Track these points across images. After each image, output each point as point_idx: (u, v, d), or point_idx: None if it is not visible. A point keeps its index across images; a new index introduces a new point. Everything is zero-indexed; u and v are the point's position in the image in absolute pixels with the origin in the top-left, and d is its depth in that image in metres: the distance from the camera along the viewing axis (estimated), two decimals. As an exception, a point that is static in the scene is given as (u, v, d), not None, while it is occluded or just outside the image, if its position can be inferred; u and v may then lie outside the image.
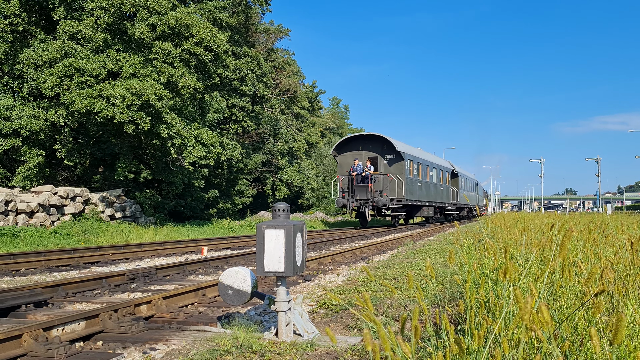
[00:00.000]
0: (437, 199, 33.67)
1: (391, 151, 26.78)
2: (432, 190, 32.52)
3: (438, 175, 34.58)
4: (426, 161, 31.36)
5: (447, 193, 36.68)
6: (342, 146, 27.94)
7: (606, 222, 8.17)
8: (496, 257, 3.85)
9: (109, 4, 20.20)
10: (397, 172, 26.54)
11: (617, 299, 3.29)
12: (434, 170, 33.24)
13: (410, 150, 29.01)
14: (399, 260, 10.92)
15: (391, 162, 26.85)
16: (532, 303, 1.83)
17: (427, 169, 31.49)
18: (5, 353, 4.20)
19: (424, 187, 30.35)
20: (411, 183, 27.66)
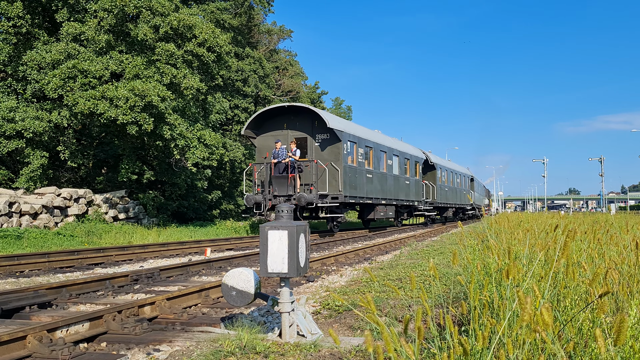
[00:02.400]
0: (399, 196, 26.07)
1: (324, 130, 19.76)
2: (392, 185, 25.10)
3: (403, 166, 27.06)
4: (381, 146, 24.03)
5: (416, 189, 29.08)
6: (261, 123, 21.04)
7: (610, 222, 8.15)
8: (500, 258, 3.84)
9: (112, 6, 20.25)
10: (332, 159, 19.70)
11: (622, 300, 3.28)
12: (395, 159, 25.78)
13: (352, 129, 21.75)
14: (402, 261, 10.91)
15: (324, 145, 19.96)
16: (536, 304, 1.83)
17: (382, 156, 24.36)
18: (9, 354, 4.21)
19: (377, 179, 23.22)
20: (354, 173, 20.86)
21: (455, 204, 38.33)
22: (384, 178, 24.28)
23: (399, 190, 26.24)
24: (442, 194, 34.19)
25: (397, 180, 26.02)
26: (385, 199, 24.23)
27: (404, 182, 27.15)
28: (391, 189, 25.15)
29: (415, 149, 30.87)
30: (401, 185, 26.66)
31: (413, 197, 28.51)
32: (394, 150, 26.04)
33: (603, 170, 67.07)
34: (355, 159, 21.25)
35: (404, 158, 27.50)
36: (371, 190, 22.71)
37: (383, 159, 24.50)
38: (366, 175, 22.26)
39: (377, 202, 23.42)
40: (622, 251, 4.58)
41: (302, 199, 18.11)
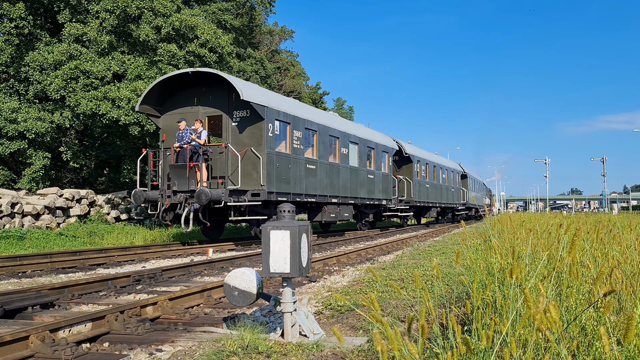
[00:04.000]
0: (359, 193, 21.35)
1: (243, 105, 15.11)
2: (347, 179, 20.30)
3: (365, 156, 22.20)
4: (330, 129, 19.13)
5: (384, 184, 24.05)
6: (165, 98, 16.30)
7: (613, 222, 8.13)
8: (503, 257, 3.84)
9: (114, 7, 20.28)
10: (252, 143, 15.13)
11: (625, 299, 3.27)
12: (352, 147, 21.04)
13: (283, 104, 16.53)
14: (404, 261, 10.90)
15: (243, 125, 15.37)
16: (541, 303, 1.82)
17: (333, 143, 19.57)
18: (12, 354, 4.21)
19: (323, 171, 18.44)
20: (286, 163, 16.09)
21: (441, 203, 33.28)
22: (334, 170, 19.21)
23: (358, 185, 21.17)
24: (421, 191, 28.89)
25: (355, 174, 20.94)
26: (338, 197, 19.33)
27: (366, 176, 21.98)
28: (346, 184, 20.08)
29: (384, 137, 25.51)
30: (362, 180, 21.58)
31: (380, 194, 23.38)
32: (351, 137, 20.79)
33: (605, 170, 67.00)
34: (289, 144, 16.36)
35: (366, 147, 22.27)
36: (314, 186, 17.70)
37: (334, 146, 19.53)
38: (306, 166, 17.22)
39: (325, 201, 18.56)
40: (625, 251, 4.57)
41: (203, 196, 13.37)
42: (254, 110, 15.03)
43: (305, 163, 17.29)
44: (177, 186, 14.76)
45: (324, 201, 18.52)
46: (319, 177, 18.16)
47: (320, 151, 18.39)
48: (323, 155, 18.61)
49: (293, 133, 16.68)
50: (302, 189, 17.01)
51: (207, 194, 13.48)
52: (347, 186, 20.31)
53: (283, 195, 16.01)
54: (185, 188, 14.58)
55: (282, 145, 16.31)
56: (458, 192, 38.60)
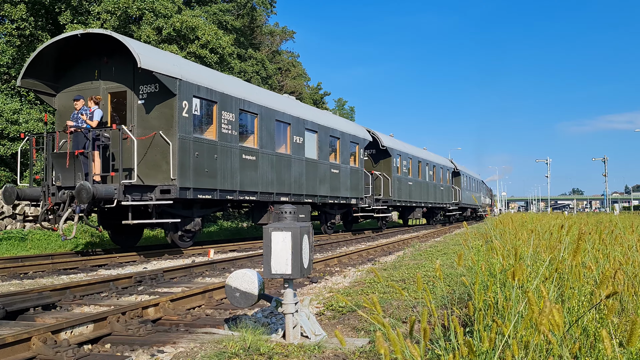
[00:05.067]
0: (319, 190, 18.28)
1: (151, 78, 12.06)
2: (302, 173, 17.30)
3: (326, 148, 19.08)
4: (277, 113, 16.02)
5: (354, 181, 21.02)
6: (63, 72, 13.40)
7: (614, 223, 8.13)
8: (504, 259, 3.83)
9: (115, 8, 20.31)
10: (162, 125, 12.13)
11: (627, 300, 3.27)
12: (311, 136, 18.00)
13: (206, 78, 13.42)
14: (406, 262, 10.90)
15: (151, 103, 12.33)
16: (541, 304, 1.82)
17: (284, 130, 16.54)
18: (14, 356, 4.21)
19: (267, 164, 15.41)
20: (211, 152, 13.11)
21: (427, 202, 30.00)
22: (284, 163, 16.28)
23: (318, 181, 18.22)
24: (402, 189, 25.59)
25: (313, 168, 17.96)
26: (289, 195, 16.47)
27: (329, 171, 19.06)
28: (300, 179, 17.16)
29: (354, 126, 22.69)
30: (323, 175, 18.65)
31: (348, 192, 20.52)
32: (307, 123, 17.73)
33: (606, 170, 66.92)
34: (215, 128, 13.32)
35: (328, 136, 19.24)
36: (254, 181, 14.75)
37: (285, 134, 16.61)
38: (242, 157, 14.27)
39: (271, 199, 15.62)
40: (626, 252, 4.56)
41: (83, 193, 10.47)
42: (162, 85, 11.92)
43: (240, 153, 14.21)
44: (62, 181, 11.64)
45: (268, 199, 15.46)
46: (262, 171, 15.12)
47: (263, 139, 15.27)
48: (267, 144, 15.50)
49: (222, 115, 13.50)
50: (235, 185, 13.94)
51: (88, 190, 10.44)
52: (301, 182, 17.19)
53: (205, 192, 12.99)
54: (71, 183, 11.40)
55: (207, 130, 13.29)
56: (449, 190, 35.29)
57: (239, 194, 14.25)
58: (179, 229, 13.09)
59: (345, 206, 21.29)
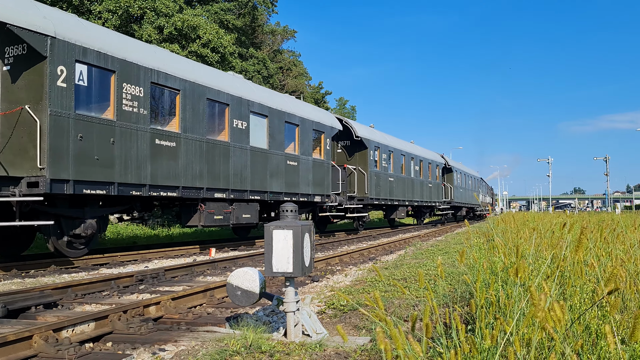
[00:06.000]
0: (273, 187, 15.58)
1: (18, 37, 9.33)
2: (246, 165, 14.42)
3: (280, 136, 16.02)
4: (204, 88, 13.10)
5: (317, 176, 18.01)
6: None
7: (616, 221, 8.12)
8: (506, 257, 3.83)
9: (117, 7, 20.32)
10: (30, 98, 9.54)
11: (629, 298, 3.26)
12: (257, 121, 15.04)
13: (100, 39, 10.66)
14: (407, 261, 10.89)
15: (18, 69, 9.79)
16: (544, 301, 1.81)
17: (212, 110, 13.44)
18: (16, 354, 4.22)
19: (191, 151, 12.55)
20: (101, 135, 10.42)
21: (413, 200, 26.96)
22: (219, 152, 13.36)
23: (268, 175, 15.29)
24: (381, 185, 22.83)
25: (262, 158, 15.03)
26: (226, 190, 13.59)
27: (284, 163, 16.07)
28: (243, 172, 14.21)
29: (320, 112, 19.36)
30: (275, 168, 15.65)
31: (311, 188, 17.51)
32: (254, 105, 14.76)
33: (608, 170, 66.86)
34: (114, 106, 10.63)
35: (283, 122, 16.15)
36: (173, 173, 11.87)
37: (221, 117, 13.69)
38: (154, 143, 11.36)
39: (200, 196, 12.71)
40: (628, 250, 4.56)
41: None
42: (30, 45, 9.30)
43: (152, 138, 11.30)
44: None
45: (196, 196, 12.60)
46: (185, 161, 12.17)
47: (188, 122, 12.36)
48: (195, 128, 12.59)
49: (123, 88, 10.80)
50: (143, 178, 11.04)
51: None
52: (245, 175, 14.24)
53: (96, 186, 10.29)
54: None
55: (101, 107, 10.58)
56: (438, 188, 32.36)
57: (149, 189, 11.25)
58: (65, 233, 10.43)
59: (308, 205, 18.27)
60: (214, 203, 13.30)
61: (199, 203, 12.99)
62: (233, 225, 14.11)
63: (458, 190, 36.71)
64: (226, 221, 13.71)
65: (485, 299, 3.29)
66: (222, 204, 13.60)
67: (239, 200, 14.29)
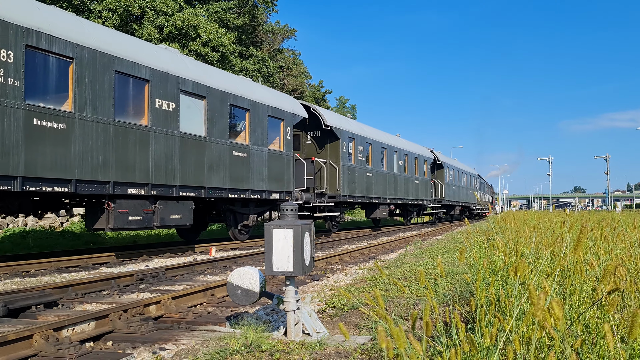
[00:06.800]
0: (212, 182, 13.26)
1: None
2: (173, 155, 12.11)
3: (223, 120, 13.66)
4: (111, 58, 10.52)
5: (274, 169, 15.70)
6: None
7: (617, 220, 8.12)
8: (506, 255, 3.83)
9: (117, 6, 20.32)
10: None
11: (629, 297, 3.26)
12: (190, 102, 12.71)
13: None
14: (407, 260, 10.90)
15: None
16: (544, 300, 1.82)
17: (122, 86, 10.92)
18: (16, 353, 4.22)
19: (89, 136, 10.08)
20: None
21: (396, 198, 24.67)
22: (133, 137, 10.95)
23: (206, 168, 12.97)
24: (356, 181, 20.46)
25: (199, 148, 12.75)
26: (145, 186, 11.29)
27: (228, 154, 13.76)
28: (170, 163, 11.90)
29: (277, 96, 16.85)
30: (217, 160, 13.36)
31: (263, 183, 15.20)
32: (188, 84, 12.41)
33: (609, 169, 66.84)
34: None
35: (228, 105, 13.75)
36: (61, 163, 9.62)
37: (138, 95, 11.30)
38: (29, 123, 9.10)
39: (104, 192, 10.37)
40: (628, 249, 4.56)
41: None
42: None
43: (26, 117, 9.00)
44: None
45: (100, 192, 10.24)
46: (81, 147, 9.90)
47: (85, 98, 9.99)
48: (96, 106, 10.18)
49: None
50: (12, 168, 8.80)
51: None
52: (172, 167, 11.97)
53: None
54: None
55: None
56: (426, 185, 29.76)
57: (21, 183, 8.97)
58: None
59: (265, 203, 16.12)
60: (127, 201, 10.91)
61: (106, 201, 10.58)
62: (158, 227, 11.81)
63: (450, 187, 34.56)
64: (146, 223, 11.42)
65: (485, 298, 3.29)
66: (140, 202, 11.23)
67: (165, 198, 11.97)
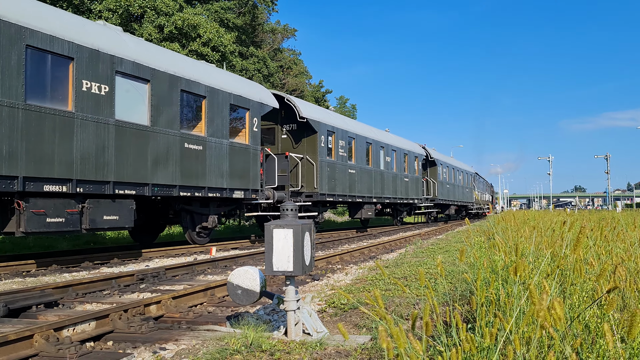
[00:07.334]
0: (156, 177, 11.39)
1: None
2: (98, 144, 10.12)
3: (171, 107, 11.87)
4: (3, 24, 8.52)
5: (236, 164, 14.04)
6: None
7: (617, 220, 8.12)
8: (506, 255, 3.83)
9: (117, 6, 20.32)
10: None
11: (629, 296, 3.26)
12: (131, 85, 10.92)
13: None
14: (407, 259, 10.90)
15: None
16: (546, 300, 1.82)
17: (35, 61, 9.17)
18: (16, 353, 4.23)
19: None
20: None
21: (382, 197, 23.17)
22: (51, 125, 9.38)
23: (150, 162, 11.26)
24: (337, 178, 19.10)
25: (141, 139, 11.05)
26: (68, 181, 9.65)
27: (179, 147, 12.08)
28: (102, 156, 10.22)
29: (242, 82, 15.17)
30: (165, 153, 11.66)
31: (224, 180, 13.55)
32: (126, 64, 10.73)
33: (609, 168, 66.83)
34: None
35: (178, 91, 12.07)
36: None
37: (59, 75, 9.74)
38: None
39: (11, 189, 8.79)
40: (628, 248, 4.56)
41: None
42: None
43: None
44: None
45: (5, 189, 8.72)
46: None
47: None
48: None
49: None
50: None
51: None
52: (104, 161, 10.25)
53: None
54: None
55: None
56: (417, 182, 28.06)
57: None
58: None
59: (229, 202, 14.53)
60: (45, 200, 9.35)
61: (16, 200, 9.01)
62: (88, 230, 10.04)
63: (444, 186, 32.67)
64: (72, 225, 9.70)
65: (486, 298, 3.29)
66: (62, 201, 9.59)
67: (97, 196, 10.29)
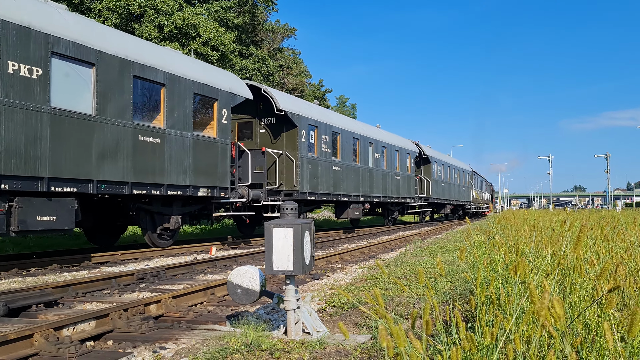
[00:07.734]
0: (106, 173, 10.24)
1: None
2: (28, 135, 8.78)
3: (123, 96, 10.62)
4: None
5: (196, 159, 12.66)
6: None
7: (617, 219, 8.12)
8: (506, 254, 3.83)
9: (117, 5, 20.31)
10: None
11: (629, 295, 3.26)
12: (71, 69, 9.61)
13: None
14: (407, 259, 10.90)
15: None
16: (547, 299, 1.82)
17: None
18: (16, 352, 4.23)
19: None
20: None
21: (372, 196, 22.18)
22: None
23: (94, 156, 10.08)
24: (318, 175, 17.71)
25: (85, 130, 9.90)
26: None
27: (132, 140, 10.91)
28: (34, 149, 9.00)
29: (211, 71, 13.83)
30: (114, 147, 10.49)
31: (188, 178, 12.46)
32: (64, 45, 9.45)
33: (609, 167, 66.87)
34: None
35: (132, 78, 10.86)
36: None
37: None
38: None
39: None
40: (628, 247, 4.56)
41: None
42: None
43: None
44: None
45: None
46: None
47: None
48: None
49: None
50: None
51: None
52: (37, 154, 9.08)
53: None
54: None
55: None
56: (409, 181, 26.71)
57: None
58: None
59: (194, 201, 13.48)
60: None
61: None
62: (17, 232, 8.74)
63: (438, 184, 31.28)
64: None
65: (486, 297, 3.29)
66: None
67: (29, 194, 9.08)
